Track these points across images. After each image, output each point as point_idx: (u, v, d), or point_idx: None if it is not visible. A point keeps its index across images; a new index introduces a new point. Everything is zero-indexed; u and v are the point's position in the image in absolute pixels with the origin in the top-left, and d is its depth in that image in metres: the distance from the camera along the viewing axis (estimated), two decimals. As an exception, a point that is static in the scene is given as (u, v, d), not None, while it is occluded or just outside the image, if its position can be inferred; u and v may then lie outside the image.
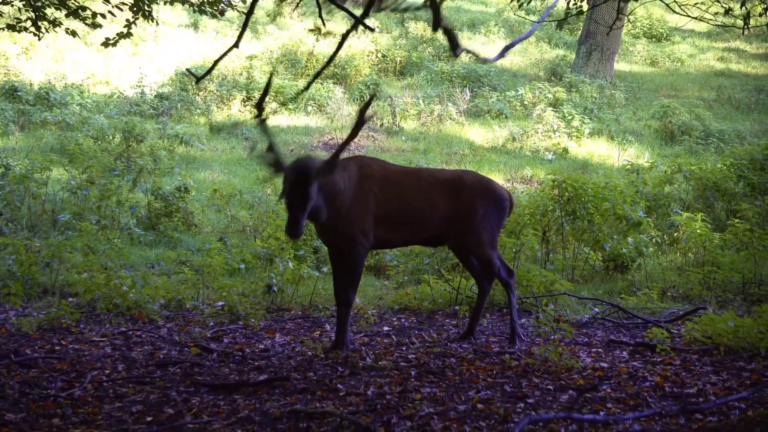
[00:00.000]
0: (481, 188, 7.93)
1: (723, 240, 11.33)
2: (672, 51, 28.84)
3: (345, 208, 7.35)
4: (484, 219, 7.86)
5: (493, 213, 7.92)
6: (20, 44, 21.90)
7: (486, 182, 8.09)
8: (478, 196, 7.87)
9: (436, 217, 7.78)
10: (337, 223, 7.37)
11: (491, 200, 7.91)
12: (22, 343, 7.90)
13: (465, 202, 7.82)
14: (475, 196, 7.86)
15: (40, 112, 18.79)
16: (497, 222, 8.00)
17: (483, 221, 7.86)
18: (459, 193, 7.83)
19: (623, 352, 7.86)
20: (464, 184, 7.89)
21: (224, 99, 21.70)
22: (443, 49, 26.48)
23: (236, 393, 6.46)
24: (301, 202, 6.90)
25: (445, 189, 7.82)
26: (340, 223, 7.37)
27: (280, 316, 9.43)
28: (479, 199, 7.86)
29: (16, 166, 13.37)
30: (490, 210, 7.90)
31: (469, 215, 7.83)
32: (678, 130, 20.87)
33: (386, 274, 11.61)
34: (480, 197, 7.87)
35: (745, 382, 6.76)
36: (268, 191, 14.78)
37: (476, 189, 7.90)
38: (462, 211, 7.81)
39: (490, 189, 7.99)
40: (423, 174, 8.05)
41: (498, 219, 7.99)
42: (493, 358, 7.57)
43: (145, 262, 11.60)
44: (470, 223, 7.84)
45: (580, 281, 11.19)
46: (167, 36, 25.14)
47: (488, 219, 7.89)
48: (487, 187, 7.99)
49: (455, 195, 7.82)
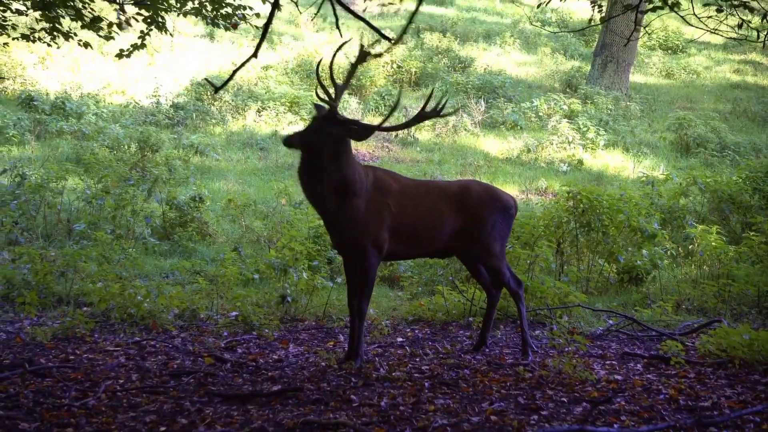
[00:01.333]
0: (488, 198, 7.92)
1: (738, 253, 11.28)
2: (688, 63, 28.80)
3: (359, 217, 7.35)
4: (492, 229, 7.85)
5: (501, 222, 7.91)
6: (37, 54, 21.99)
7: (492, 191, 8.08)
8: (485, 205, 7.85)
9: (446, 230, 7.76)
10: (350, 233, 7.39)
11: (499, 209, 7.90)
12: (36, 352, 7.91)
13: (473, 213, 7.81)
14: (482, 205, 7.84)
15: (56, 122, 18.85)
16: (505, 230, 8.00)
17: (492, 231, 7.85)
18: (466, 204, 7.81)
19: (637, 365, 7.84)
20: (471, 194, 7.88)
21: (239, 109, 21.74)
22: (458, 60, 26.51)
23: (250, 403, 6.46)
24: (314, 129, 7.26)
25: (453, 201, 7.81)
26: (353, 232, 7.38)
27: (294, 326, 9.43)
28: (487, 208, 7.85)
29: (32, 175, 13.41)
30: (498, 219, 7.89)
31: (478, 226, 7.81)
32: (693, 142, 20.82)
33: (400, 285, 11.60)
34: (487, 207, 7.86)
35: (760, 396, 6.75)
36: (283, 201, 14.80)
37: (483, 199, 7.89)
38: (470, 222, 7.80)
39: (497, 197, 7.98)
40: (431, 187, 8.04)
41: (506, 227, 7.99)
42: (506, 370, 7.55)
43: (159, 272, 11.62)
44: (479, 234, 7.83)
45: (594, 293, 11.16)
46: (183, 46, 25.25)
47: (497, 228, 7.88)
48: (494, 196, 7.97)
49: (463, 206, 7.80)
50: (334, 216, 7.39)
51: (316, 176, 7.25)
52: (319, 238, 11.94)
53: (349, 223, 7.36)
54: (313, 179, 7.28)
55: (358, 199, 7.35)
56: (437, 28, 29.34)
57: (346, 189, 7.30)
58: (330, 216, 7.43)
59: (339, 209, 7.34)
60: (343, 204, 7.32)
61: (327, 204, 7.35)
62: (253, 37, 25.74)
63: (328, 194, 7.29)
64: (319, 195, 7.33)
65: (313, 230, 12.09)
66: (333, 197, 7.30)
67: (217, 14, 10.17)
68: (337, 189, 7.29)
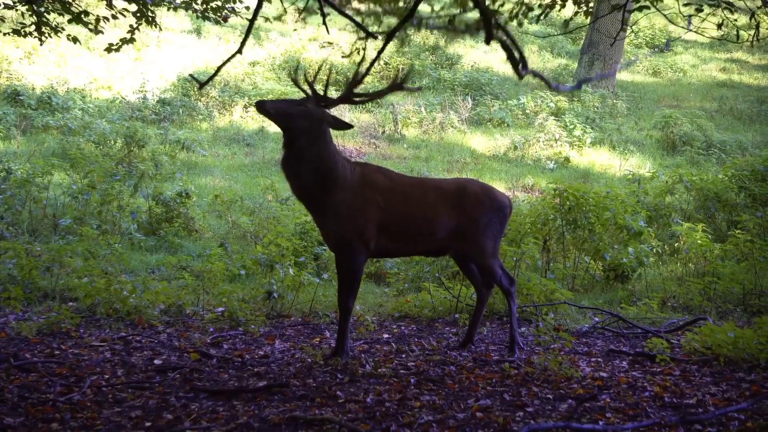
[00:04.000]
0: (484, 197, 7.92)
1: (723, 251, 11.31)
2: (674, 61, 28.86)
3: (344, 210, 7.37)
4: (487, 228, 7.86)
5: (495, 221, 7.91)
6: (23, 48, 21.90)
7: (488, 190, 8.08)
8: (481, 204, 7.86)
9: (441, 228, 7.76)
10: (335, 227, 7.41)
11: (494, 209, 7.91)
12: (21, 347, 7.89)
13: (468, 212, 7.81)
14: (478, 205, 7.84)
15: (42, 117, 18.78)
16: (499, 230, 8.00)
17: (486, 230, 7.86)
18: (462, 202, 7.81)
19: (623, 362, 7.86)
20: (467, 193, 7.88)
21: (226, 105, 21.72)
22: (445, 57, 26.49)
23: (235, 399, 6.45)
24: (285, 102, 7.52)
25: (449, 199, 7.80)
26: (338, 227, 7.40)
27: (280, 322, 9.42)
28: (482, 208, 7.85)
29: (17, 170, 13.37)
30: (493, 219, 7.89)
31: (473, 224, 7.81)
32: (679, 140, 20.87)
33: (386, 281, 11.61)
34: (483, 206, 7.86)
35: (745, 393, 6.77)
36: (269, 197, 14.79)
37: (479, 197, 7.89)
38: (465, 221, 7.80)
39: (492, 197, 7.98)
40: (427, 184, 8.04)
41: (500, 227, 8.00)
42: (492, 367, 7.56)
43: (145, 267, 11.60)
44: (473, 233, 7.83)
45: (580, 290, 11.19)
46: (170, 41, 25.17)
47: (491, 228, 7.88)
48: (490, 195, 7.98)
49: (458, 205, 7.80)
50: (320, 211, 7.42)
51: (295, 158, 7.32)
52: (305, 234, 11.94)
53: (334, 217, 7.39)
54: (292, 160, 7.34)
55: (343, 193, 7.38)
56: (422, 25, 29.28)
57: (326, 178, 7.34)
58: (316, 211, 7.46)
59: (324, 203, 7.37)
60: (328, 198, 7.35)
61: (311, 196, 7.38)
62: (240, 33, 25.68)
63: (309, 183, 7.33)
64: (301, 183, 7.39)
65: (299, 226, 12.09)
66: (315, 188, 7.34)
67: (207, 7, 10.16)
68: (317, 178, 7.34)
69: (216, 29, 26.34)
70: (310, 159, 7.31)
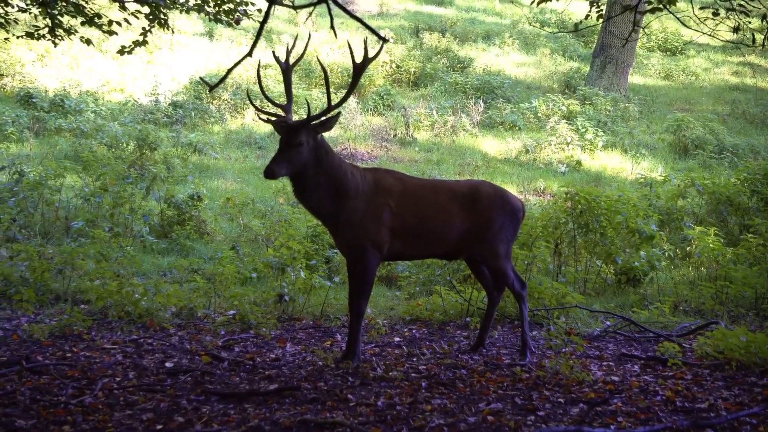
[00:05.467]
0: (497, 199, 7.90)
1: (736, 255, 11.28)
2: (686, 65, 28.78)
3: (357, 217, 7.37)
4: (500, 231, 7.83)
5: (509, 224, 7.89)
6: (36, 51, 22.01)
7: (502, 193, 8.05)
8: (494, 207, 7.83)
9: (454, 231, 7.73)
10: (349, 235, 7.41)
11: (507, 211, 7.88)
12: (33, 349, 7.92)
13: (482, 214, 7.78)
14: (491, 207, 7.82)
15: (55, 119, 18.86)
16: (512, 233, 7.98)
17: (499, 233, 7.83)
18: (476, 205, 7.79)
19: (634, 366, 7.84)
20: (481, 195, 7.85)
21: (238, 108, 21.76)
22: (457, 60, 26.49)
23: (246, 402, 6.46)
24: (286, 147, 7.19)
25: (462, 202, 7.78)
26: (352, 234, 7.40)
27: (291, 325, 9.43)
28: (496, 210, 7.82)
29: (30, 172, 13.42)
30: (507, 221, 7.87)
31: (486, 227, 7.79)
32: (692, 144, 20.81)
33: (398, 284, 11.60)
34: (497, 209, 7.83)
35: (757, 398, 6.74)
36: (281, 200, 14.80)
37: (493, 200, 7.86)
38: (479, 223, 7.77)
39: (506, 200, 7.95)
40: (439, 187, 8.01)
41: (513, 230, 7.97)
42: (503, 370, 7.55)
43: (157, 270, 11.63)
44: (486, 235, 7.80)
45: (591, 294, 11.16)
46: (182, 44, 25.24)
47: (504, 231, 7.86)
48: (503, 198, 7.95)
49: (472, 207, 7.77)
50: (333, 220, 7.41)
51: (310, 189, 7.31)
52: (317, 237, 11.95)
53: (348, 225, 7.38)
54: (308, 192, 7.34)
55: (355, 201, 7.38)
56: (436, 28, 29.32)
57: (338, 190, 7.33)
58: (329, 220, 7.46)
59: (336, 212, 7.36)
60: (340, 207, 7.35)
61: (324, 210, 7.38)
62: (252, 36, 25.71)
63: (322, 200, 7.33)
64: (315, 203, 7.40)
65: (310, 229, 12.11)
66: (327, 201, 7.34)
67: (219, 10, 10.18)
68: (330, 193, 7.33)
69: (228, 32, 26.40)
70: (319, 180, 7.30)
